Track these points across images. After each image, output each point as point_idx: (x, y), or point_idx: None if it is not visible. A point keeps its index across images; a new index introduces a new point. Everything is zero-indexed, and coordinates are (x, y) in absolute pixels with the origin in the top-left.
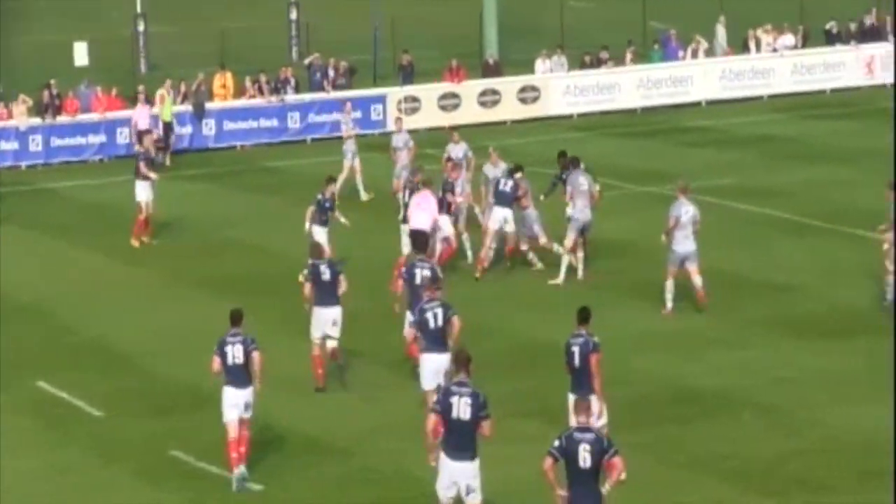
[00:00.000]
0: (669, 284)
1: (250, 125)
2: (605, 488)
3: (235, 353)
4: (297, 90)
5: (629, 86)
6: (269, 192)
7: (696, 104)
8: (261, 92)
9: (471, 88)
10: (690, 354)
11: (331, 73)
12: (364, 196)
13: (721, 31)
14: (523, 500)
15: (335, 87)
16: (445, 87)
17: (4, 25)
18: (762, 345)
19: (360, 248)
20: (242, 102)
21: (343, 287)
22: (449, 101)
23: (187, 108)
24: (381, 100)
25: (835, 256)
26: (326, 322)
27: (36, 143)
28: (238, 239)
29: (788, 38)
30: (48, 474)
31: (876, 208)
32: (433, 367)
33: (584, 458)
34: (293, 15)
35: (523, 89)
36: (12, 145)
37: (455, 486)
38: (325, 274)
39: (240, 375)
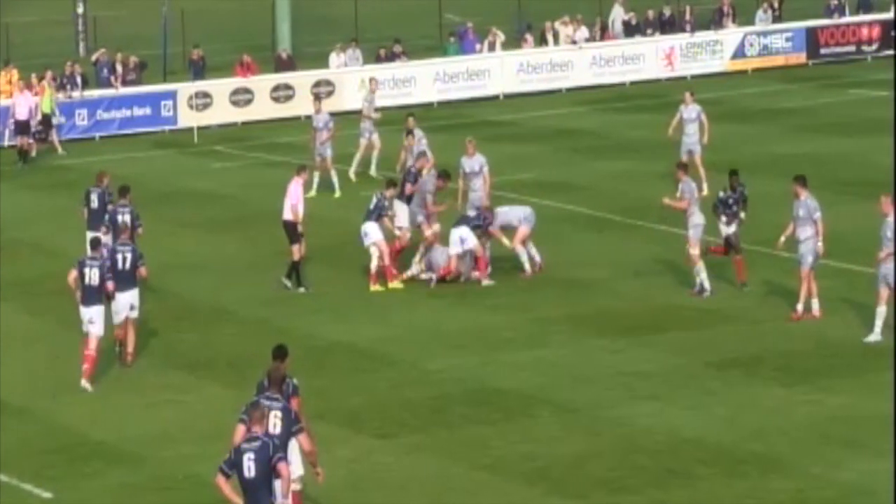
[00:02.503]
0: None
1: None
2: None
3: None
4: (86, 87)
5: (425, 79)
6: (57, 192)
7: (494, 98)
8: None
9: (263, 83)
10: (488, 354)
11: (118, 68)
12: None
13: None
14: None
15: (125, 82)
16: (237, 81)
17: None
18: (561, 343)
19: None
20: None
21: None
22: (241, 97)
23: None
24: (172, 95)
25: (633, 251)
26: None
27: None
28: (24, 240)
29: (584, 31)
30: None
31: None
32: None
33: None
34: (80, 9)
35: (317, 84)
36: None
37: None
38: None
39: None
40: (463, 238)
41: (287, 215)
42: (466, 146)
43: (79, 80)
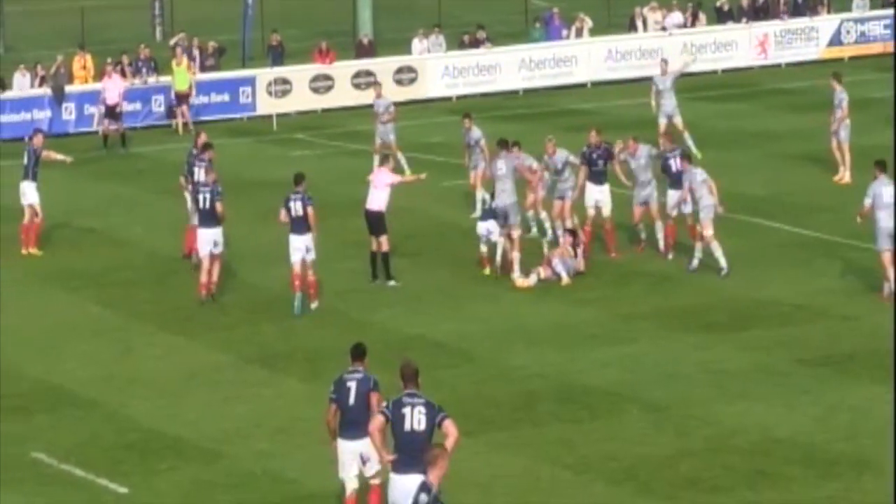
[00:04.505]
0: (641, 226)
1: None
2: None
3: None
4: (162, 72)
5: (510, 67)
6: (131, 180)
7: (581, 85)
8: (123, 74)
9: (344, 70)
10: (573, 350)
11: (196, 53)
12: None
13: None
14: None
15: (202, 68)
16: (317, 68)
17: None
18: (648, 339)
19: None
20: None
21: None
22: (321, 84)
23: (46, 91)
24: (251, 82)
25: (721, 245)
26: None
27: None
28: (97, 229)
29: (677, 16)
30: None
31: (762, 194)
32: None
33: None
34: None
35: (399, 70)
36: None
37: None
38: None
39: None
40: (490, 230)
41: (373, 205)
42: (546, 146)
43: (154, 65)
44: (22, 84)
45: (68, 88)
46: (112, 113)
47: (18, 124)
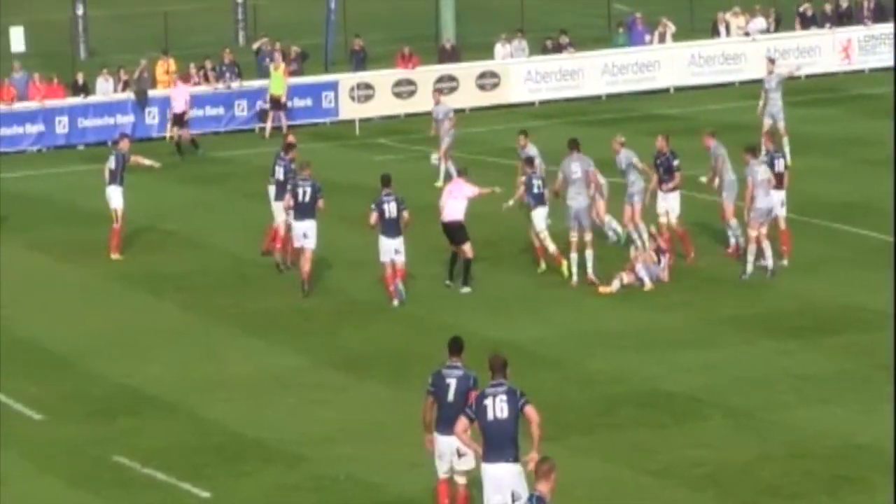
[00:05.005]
0: (752, 247)
1: (195, 113)
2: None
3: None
4: (246, 76)
5: (593, 71)
6: (214, 184)
7: (664, 91)
8: (206, 79)
9: (427, 75)
10: (655, 355)
11: (278, 58)
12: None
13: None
14: None
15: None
16: (400, 73)
17: None
18: (731, 344)
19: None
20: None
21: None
22: (404, 88)
23: (129, 95)
24: (333, 86)
25: (806, 251)
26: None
27: None
28: (180, 233)
29: (760, 22)
30: None
31: (847, 200)
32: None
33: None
34: None
35: (482, 75)
36: None
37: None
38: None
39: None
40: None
41: (452, 216)
42: (613, 145)
43: (237, 69)
44: (105, 89)
45: (151, 93)
46: (179, 120)
47: (101, 129)
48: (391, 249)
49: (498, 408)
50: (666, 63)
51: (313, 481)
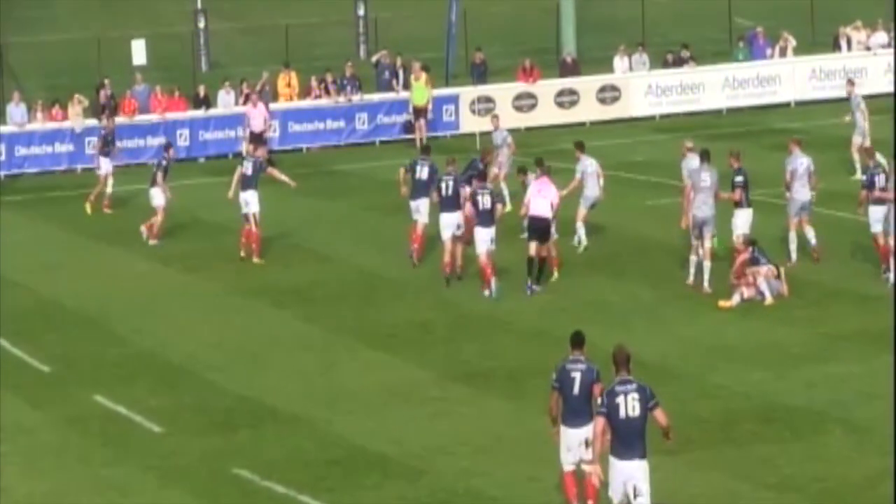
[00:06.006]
0: (792, 235)
1: (316, 127)
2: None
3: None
4: (365, 90)
5: (714, 85)
6: (335, 197)
7: (785, 105)
8: (327, 92)
9: (547, 88)
10: (776, 369)
11: (399, 71)
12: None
13: None
14: None
15: (405, 86)
16: (521, 87)
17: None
18: (852, 359)
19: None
20: (308, 103)
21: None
22: (525, 102)
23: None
24: (454, 100)
25: None
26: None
27: (92, 146)
28: (301, 245)
29: (882, 36)
30: (103, 492)
31: None
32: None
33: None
34: (360, 10)
35: (602, 89)
36: (67, 147)
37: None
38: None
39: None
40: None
41: (542, 211)
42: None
43: (357, 82)
44: (226, 101)
45: (272, 106)
46: (258, 139)
47: (222, 141)
48: (486, 239)
49: (630, 406)
50: (787, 77)
51: (434, 495)
